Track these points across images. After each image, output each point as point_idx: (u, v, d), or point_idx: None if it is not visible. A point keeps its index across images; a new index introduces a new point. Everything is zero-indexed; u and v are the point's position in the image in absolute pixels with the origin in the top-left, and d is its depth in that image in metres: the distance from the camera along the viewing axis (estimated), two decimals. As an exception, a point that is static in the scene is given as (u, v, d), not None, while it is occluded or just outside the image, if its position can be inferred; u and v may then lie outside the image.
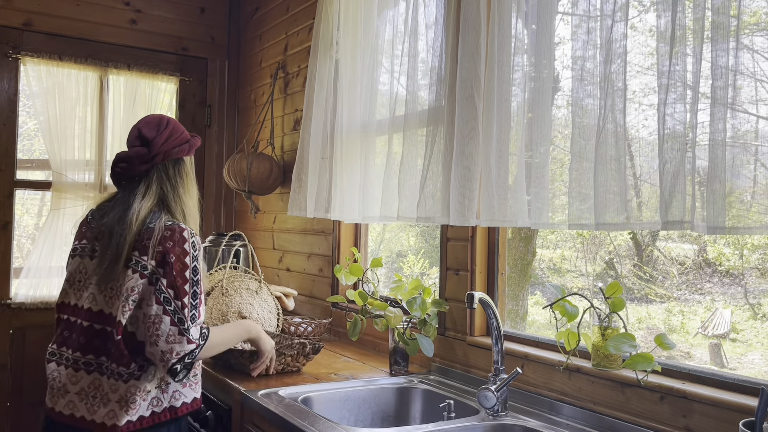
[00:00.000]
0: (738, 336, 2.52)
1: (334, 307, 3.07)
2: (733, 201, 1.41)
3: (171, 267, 1.82)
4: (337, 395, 2.16)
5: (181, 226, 1.88)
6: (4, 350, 3.48)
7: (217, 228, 4.11)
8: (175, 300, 1.81)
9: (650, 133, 1.70)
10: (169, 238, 1.84)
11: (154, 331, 1.78)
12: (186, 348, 1.79)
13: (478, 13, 2.03)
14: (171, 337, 1.78)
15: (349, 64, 2.72)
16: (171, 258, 1.82)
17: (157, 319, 1.78)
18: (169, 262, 1.82)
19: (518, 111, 1.94)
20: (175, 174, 1.99)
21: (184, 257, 1.84)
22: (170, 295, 1.81)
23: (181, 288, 1.81)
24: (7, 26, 3.52)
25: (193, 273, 1.85)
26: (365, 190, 2.56)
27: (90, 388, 1.85)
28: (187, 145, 2.02)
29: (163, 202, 1.95)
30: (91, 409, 1.83)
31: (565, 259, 3.25)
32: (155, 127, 1.99)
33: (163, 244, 1.83)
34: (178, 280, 1.82)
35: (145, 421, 1.84)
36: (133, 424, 1.81)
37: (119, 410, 1.81)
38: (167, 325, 1.78)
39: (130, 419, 1.80)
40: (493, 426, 1.85)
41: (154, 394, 1.86)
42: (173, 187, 1.98)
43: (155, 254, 1.83)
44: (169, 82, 3.97)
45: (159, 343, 1.77)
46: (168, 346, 1.77)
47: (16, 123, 3.54)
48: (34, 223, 5.72)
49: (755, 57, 1.52)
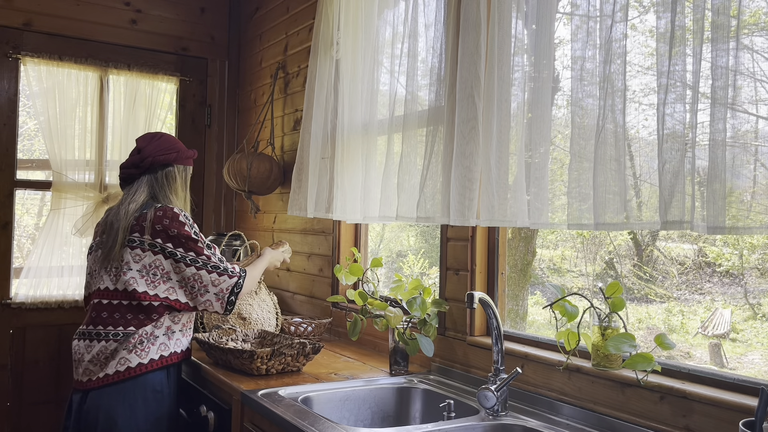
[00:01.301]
0: (738, 336, 2.52)
1: (334, 307, 3.07)
2: (733, 201, 1.41)
3: (178, 237, 2.23)
4: (337, 395, 2.16)
5: (170, 207, 2.28)
6: (4, 350, 3.48)
7: (217, 228, 4.11)
8: (199, 257, 2.24)
9: (650, 133, 1.70)
10: (163, 216, 2.25)
11: (200, 285, 2.24)
12: (231, 281, 2.26)
13: (478, 13, 2.03)
14: (216, 281, 2.24)
15: (349, 64, 2.73)
16: (174, 231, 2.23)
17: (196, 276, 2.23)
18: (174, 235, 2.23)
19: (518, 111, 1.94)
20: (163, 177, 2.37)
21: (184, 226, 2.25)
22: (193, 255, 2.24)
23: (195, 248, 2.24)
24: (7, 26, 3.52)
25: (196, 235, 2.27)
26: (367, 190, 2.56)
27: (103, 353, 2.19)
28: (175, 153, 2.39)
29: (154, 199, 2.34)
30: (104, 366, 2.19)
31: (565, 259, 3.25)
32: (149, 139, 2.42)
33: (160, 222, 2.23)
34: (190, 244, 2.24)
35: (155, 363, 2.22)
36: (144, 366, 2.19)
37: (129, 355, 2.18)
38: (207, 275, 2.24)
39: (141, 362, 2.19)
40: (493, 426, 1.85)
41: (162, 341, 2.24)
42: (161, 187, 2.36)
43: (153, 232, 2.22)
44: (170, 82, 3.97)
45: (209, 289, 2.24)
46: (217, 288, 2.24)
47: (16, 123, 3.55)
48: (34, 223, 5.72)
49: (755, 57, 1.52)
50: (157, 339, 2.23)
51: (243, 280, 2.28)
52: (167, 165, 2.37)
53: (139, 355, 2.19)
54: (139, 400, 2.19)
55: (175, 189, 2.37)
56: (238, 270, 2.29)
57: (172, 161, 2.38)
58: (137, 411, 2.19)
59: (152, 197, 2.33)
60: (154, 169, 2.36)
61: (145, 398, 2.20)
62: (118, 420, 2.16)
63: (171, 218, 2.24)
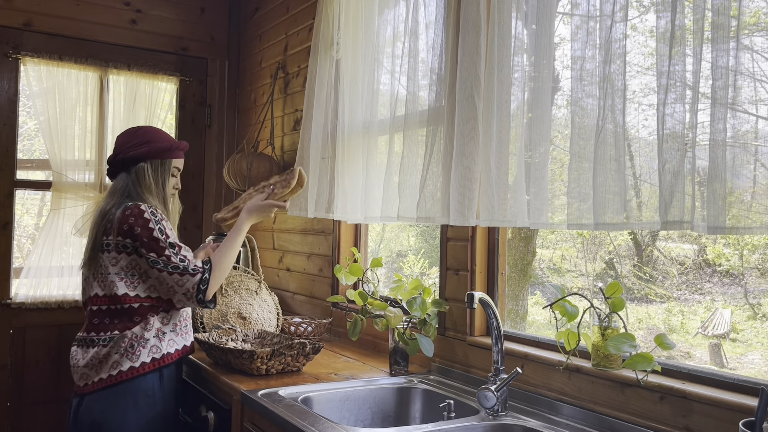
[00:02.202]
0: (738, 336, 2.52)
1: (334, 307, 3.07)
2: (733, 201, 1.41)
3: (141, 236, 2.15)
4: (337, 395, 2.16)
5: (137, 204, 2.19)
6: (4, 350, 3.48)
7: (217, 228, 4.10)
8: (160, 258, 2.14)
9: (650, 133, 1.70)
10: (130, 215, 2.16)
11: (166, 288, 2.16)
12: (195, 279, 2.14)
13: (478, 13, 2.03)
14: (179, 281, 2.14)
15: (350, 64, 2.72)
16: (137, 230, 2.15)
17: (161, 279, 2.15)
18: (137, 234, 2.15)
19: (518, 111, 1.94)
20: (134, 174, 2.28)
21: (147, 224, 2.16)
22: (155, 256, 2.14)
23: (157, 248, 2.15)
24: (7, 26, 3.52)
25: (160, 232, 2.17)
26: (367, 190, 2.55)
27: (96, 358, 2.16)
28: (146, 148, 2.28)
29: (129, 197, 2.25)
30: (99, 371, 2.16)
31: (565, 259, 3.25)
32: (124, 135, 2.34)
33: (126, 221, 2.15)
34: (152, 243, 2.14)
35: (147, 366, 2.17)
36: (136, 369, 2.15)
37: (121, 359, 2.14)
38: (168, 276, 2.14)
39: (133, 365, 2.14)
40: (493, 426, 1.85)
41: (153, 343, 2.19)
42: (134, 185, 2.27)
43: (122, 232, 2.16)
44: (169, 82, 3.97)
45: (177, 290, 2.15)
46: (183, 288, 2.15)
47: (16, 123, 3.54)
48: (34, 223, 5.72)
49: (755, 57, 1.52)
50: (148, 342, 2.17)
51: (208, 274, 2.17)
52: (138, 161, 2.27)
53: (131, 359, 2.14)
54: (131, 405, 2.16)
55: (146, 186, 2.27)
56: (200, 265, 2.17)
57: (142, 156, 2.27)
58: (128, 416, 2.15)
59: (127, 195, 2.25)
60: (127, 165, 2.27)
61: (136, 403, 2.16)
62: (110, 425, 2.14)
63: (136, 216, 2.15)
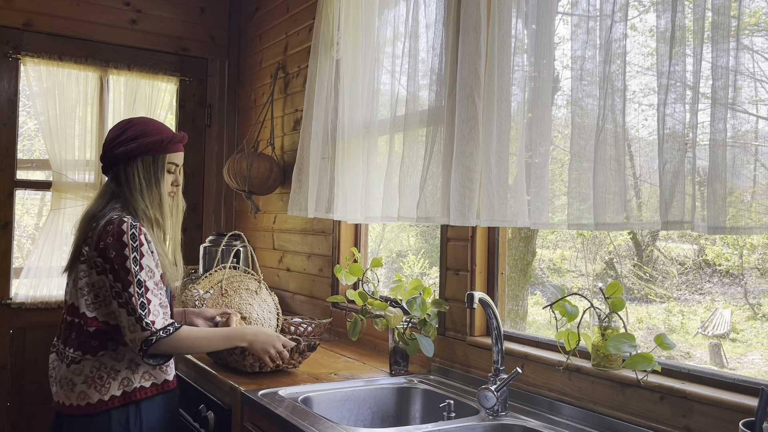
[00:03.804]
0: (738, 336, 2.52)
1: (334, 307, 3.07)
2: (733, 201, 1.41)
3: (113, 262, 1.89)
4: (337, 395, 2.16)
5: (122, 219, 1.92)
6: (4, 350, 3.48)
7: (217, 228, 4.11)
8: (124, 292, 1.87)
9: (650, 133, 1.70)
10: (110, 232, 1.91)
11: (120, 324, 1.90)
12: (143, 335, 1.85)
13: (478, 13, 2.03)
14: (131, 327, 1.87)
15: (350, 64, 2.72)
16: (111, 253, 1.89)
17: (117, 312, 1.89)
18: (110, 257, 1.89)
19: (518, 111, 1.94)
20: (123, 174, 2.02)
21: (123, 249, 1.89)
22: (119, 288, 1.88)
23: (125, 280, 1.87)
24: (7, 26, 3.52)
25: (134, 263, 1.89)
26: (367, 190, 2.55)
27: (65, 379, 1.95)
28: (135, 143, 2.00)
29: (117, 199, 2.02)
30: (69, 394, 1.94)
31: (565, 259, 3.25)
32: (114, 128, 2.08)
33: (104, 239, 1.90)
34: (121, 273, 1.88)
35: (117, 400, 1.92)
36: (105, 403, 1.91)
37: (88, 390, 1.91)
38: (125, 316, 1.87)
39: (101, 398, 1.91)
40: (493, 426, 1.85)
41: (124, 375, 1.94)
42: (122, 187, 2.02)
43: (97, 248, 1.91)
44: (169, 82, 3.97)
45: (126, 333, 1.88)
46: (131, 335, 1.87)
47: (16, 123, 3.55)
48: (34, 223, 5.72)
49: (755, 57, 1.52)
50: (119, 373, 1.93)
51: (159, 340, 1.86)
52: (128, 158, 2.00)
53: (99, 391, 1.90)
54: None
55: (135, 187, 2.00)
56: (159, 326, 1.87)
57: (131, 153, 2.00)
58: None
59: (117, 197, 2.02)
60: (116, 163, 2.02)
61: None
62: None
63: (115, 236, 1.89)
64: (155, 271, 1.94)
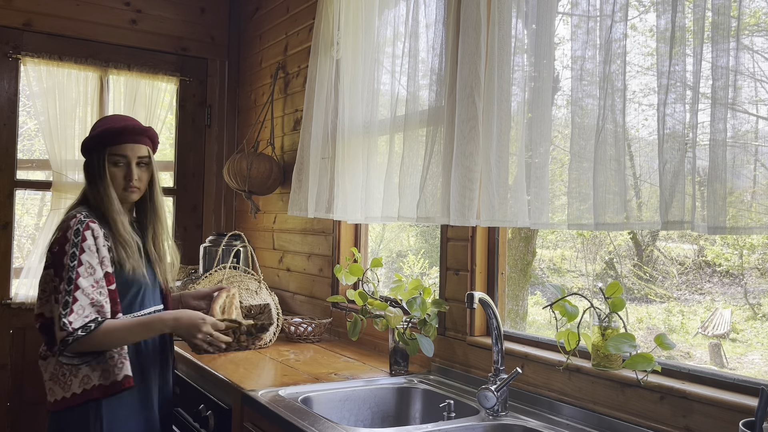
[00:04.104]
0: (738, 336, 2.52)
1: (334, 307, 3.07)
2: (733, 201, 1.41)
3: (54, 256, 1.89)
4: (337, 395, 2.16)
5: (74, 215, 1.93)
6: (4, 350, 3.48)
7: (217, 228, 4.11)
8: (59, 287, 1.86)
9: (650, 133, 1.70)
10: (60, 227, 1.93)
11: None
12: (60, 335, 1.83)
13: (478, 13, 2.03)
14: (56, 324, 1.85)
15: (350, 64, 2.72)
16: (55, 248, 1.90)
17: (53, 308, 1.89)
18: (54, 251, 1.90)
19: (518, 111, 1.94)
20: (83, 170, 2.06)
21: (65, 244, 1.88)
22: (57, 282, 1.88)
23: (60, 275, 1.87)
24: (7, 26, 3.52)
25: (71, 258, 1.86)
26: (367, 190, 2.55)
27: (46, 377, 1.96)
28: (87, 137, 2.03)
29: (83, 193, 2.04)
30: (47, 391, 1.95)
31: (565, 259, 3.25)
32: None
33: (55, 234, 1.93)
34: (59, 268, 1.87)
35: (78, 397, 1.89)
36: (67, 400, 1.89)
37: (54, 386, 1.91)
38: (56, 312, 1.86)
39: (65, 395, 1.89)
40: (493, 426, 1.85)
41: (84, 372, 1.91)
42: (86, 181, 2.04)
43: (50, 242, 1.94)
44: (170, 82, 3.97)
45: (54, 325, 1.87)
46: (56, 328, 1.85)
47: (16, 123, 3.55)
48: (34, 223, 5.72)
49: (755, 57, 1.52)
50: (80, 370, 1.89)
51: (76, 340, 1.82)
52: (84, 155, 2.05)
53: (62, 388, 1.89)
54: None
55: (89, 182, 2.02)
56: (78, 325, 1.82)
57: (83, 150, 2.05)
58: None
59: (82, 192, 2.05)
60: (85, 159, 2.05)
61: None
62: None
63: (62, 231, 1.91)
64: (96, 267, 1.89)
